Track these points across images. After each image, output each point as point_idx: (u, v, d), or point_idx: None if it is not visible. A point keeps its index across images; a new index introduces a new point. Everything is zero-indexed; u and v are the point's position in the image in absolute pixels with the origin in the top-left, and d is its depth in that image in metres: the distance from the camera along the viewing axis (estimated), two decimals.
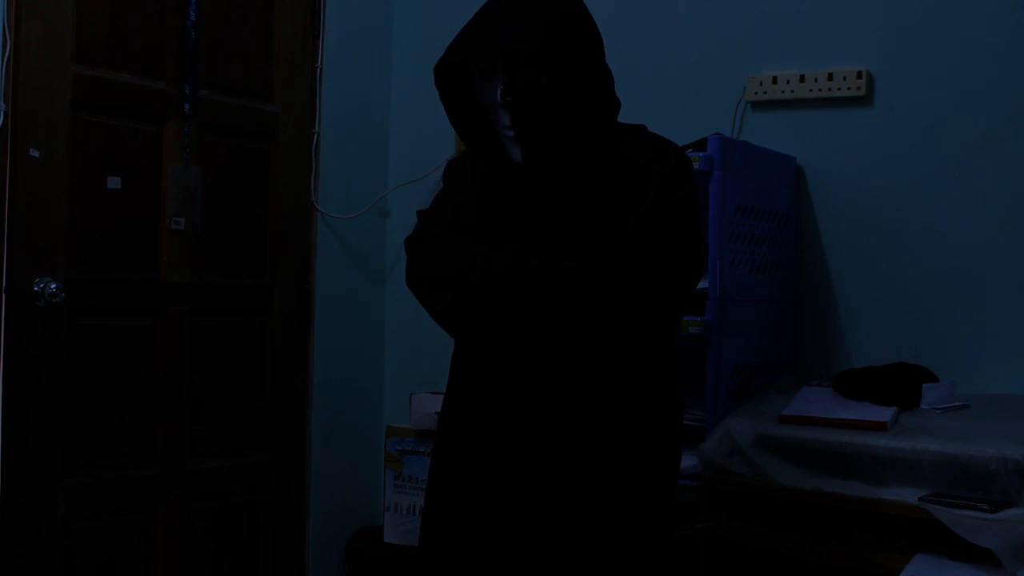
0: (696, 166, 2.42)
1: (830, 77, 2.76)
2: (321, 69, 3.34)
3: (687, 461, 2.43)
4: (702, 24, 2.97)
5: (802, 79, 2.79)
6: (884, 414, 2.24)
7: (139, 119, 2.86)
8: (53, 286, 2.62)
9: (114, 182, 2.80)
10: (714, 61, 2.94)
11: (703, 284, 2.43)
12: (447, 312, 1.95)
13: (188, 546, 2.97)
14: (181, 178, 2.94)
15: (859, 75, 2.72)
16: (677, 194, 1.90)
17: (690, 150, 2.53)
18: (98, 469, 2.79)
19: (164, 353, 2.92)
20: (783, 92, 2.82)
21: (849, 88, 2.73)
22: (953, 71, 2.63)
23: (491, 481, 1.93)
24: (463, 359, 2.05)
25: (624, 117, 3.06)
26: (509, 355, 1.92)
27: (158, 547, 2.91)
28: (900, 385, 2.36)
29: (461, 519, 1.97)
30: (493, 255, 1.88)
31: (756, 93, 2.86)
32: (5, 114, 2.55)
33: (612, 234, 1.86)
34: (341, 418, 3.40)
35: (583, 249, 1.86)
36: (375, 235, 3.53)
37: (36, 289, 2.61)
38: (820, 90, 2.77)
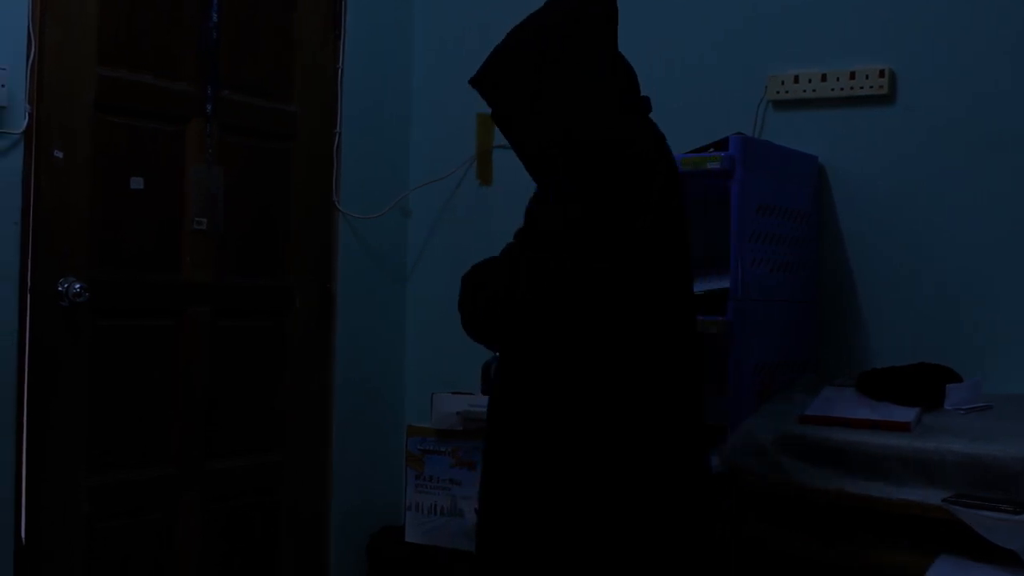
0: (717, 166, 2.42)
1: (852, 76, 2.74)
2: (342, 69, 3.34)
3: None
4: (723, 23, 2.96)
5: (824, 78, 2.78)
6: (907, 414, 2.23)
7: (161, 120, 2.88)
8: (77, 286, 2.63)
9: (137, 183, 2.82)
10: (736, 60, 2.93)
11: (724, 284, 2.43)
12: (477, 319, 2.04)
13: (208, 545, 2.98)
14: (203, 179, 2.95)
15: (881, 74, 2.70)
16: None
17: (711, 149, 2.53)
18: (120, 469, 2.80)
19: (185, 353, 2.93)
20: (805, 91, 2.81)
21: (871, 87, 2.72)
22: (976, 70, 2.62)
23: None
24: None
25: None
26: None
27: (179, 546, 2.92)
28: (923, 385, 2.35)
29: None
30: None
31: (778, 92, 2.85)
32: (29, 116, 2.56)
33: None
34: (362, 418, 3.41)
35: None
36: (396, 235, 3.54)
37: (60, 289, 2.63)
38: (842, 89, 2.76)
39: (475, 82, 2.18)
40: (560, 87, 2.02)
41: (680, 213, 2.00)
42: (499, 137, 3.38)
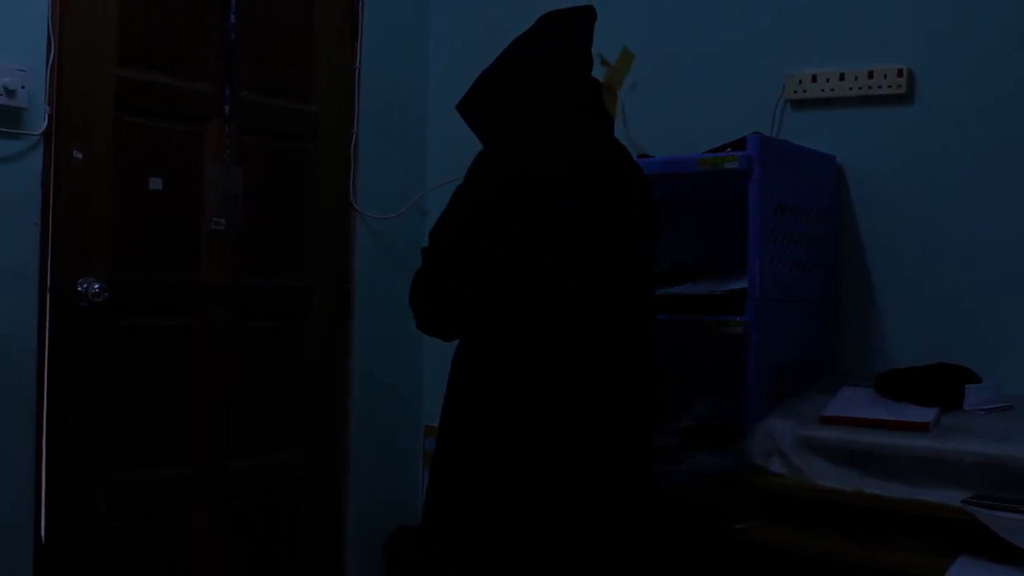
0: (735, 165, 2.41)
1: (870, 75, 2.73)
2: (359, 70, 3.35)
3: (725, 462, 2.42)
4: (741, 23, 2.96)
5: (842, 77, 2.77)
6: (926, 415, 2.22)
7: (180, 120, 2.89)
8: (96, 286, 2.65)
9: (155, 183, 2.83)
10: (753, 60, 2.92)
11: (742, 284, 2.42)
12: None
13: (226, 545, 2.99)
14: (221, 179, 2.96)
15: (900, 73, 2.69)
16: None
17: (729, 149, 2.53)
18: (138, 468, 2.82)
19: (203, 353, 2.94)
20: (823, 91, 2.80)
21: (890, 86, 2.70)
22: (995, 70, 2.60)
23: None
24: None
25: (664, 116, 3.06)
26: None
27: (196, 546, 2.93)
28: (942, 385, 2.33)
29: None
30: None
31: (795, 92, 2.84)
32: (49, 117, 2.58)
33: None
34: (379, 418, 3.41)
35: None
36: (413, 235, 3.53)
37: (80, 289, 2.64)
38: (860, 88, 2.75)
39: (460, 108, 2.30)
40: (545, 111, 2.18)
41: (649, 223, 2.19)
42: None
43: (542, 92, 2.20)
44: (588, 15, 2.33)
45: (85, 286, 2.64)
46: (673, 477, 2.49)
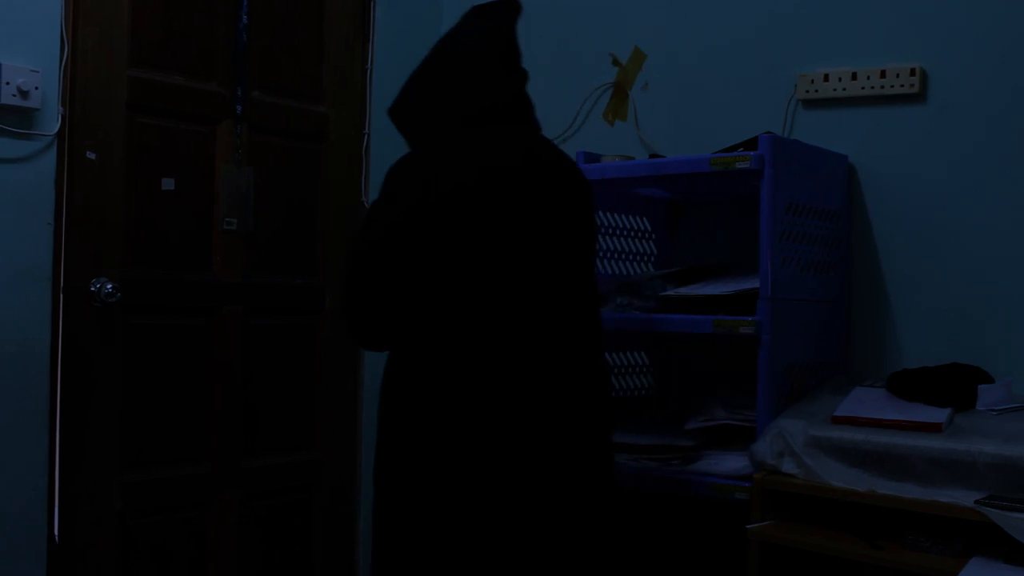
0: (747, 165, 2.41)
1: (883, 74, 2.73)
2: (371, 70, 3.36)
3: (737, 462, 2.42)
4: (752, 22, 2.95)
5: (854, 76, 2.77)
6: (939, 415, 2.22)
7: (192, 121, 2.90)
8: (109, 286, 2.66)
9: (168, 183, 2.84)
10: (765, 59, 2.92)
11: (753, 284, 2.42)
12: None
13: (241, 543, 3.00)
14: (233, 179, 2.97)
15: (912, 72, 2.69)
16: None
17: (740, 149, 2.52)
18: (153, 467, 2.83)
19: (217, 352, 2.95)
20: (835, 90, 2.80)
21: (902, 85, 2.70)
22: (1009, 68, 2.59)
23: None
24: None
25: (675, 116, 3.07)
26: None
27: (212, 544, 2.94)
28: (955, 386, 2.33)
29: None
30: None
31: (807, 91, 2.84)
32: (62, 118, 2.59)
33: None
34: None
35: None
36: None
37: (93, 289, 2.65)
38: (872, 88, 2.74)
39: (391, 113, 2.31)
40: (464, 115, 2.18)
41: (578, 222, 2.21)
42: None
43: (461, 94, 2.20)
44: (510, 7, 2.30)
45: (98, 286, 2.65)
46: (687, 477, 2.49)
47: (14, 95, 2.47)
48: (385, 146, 3.40)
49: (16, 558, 2.51)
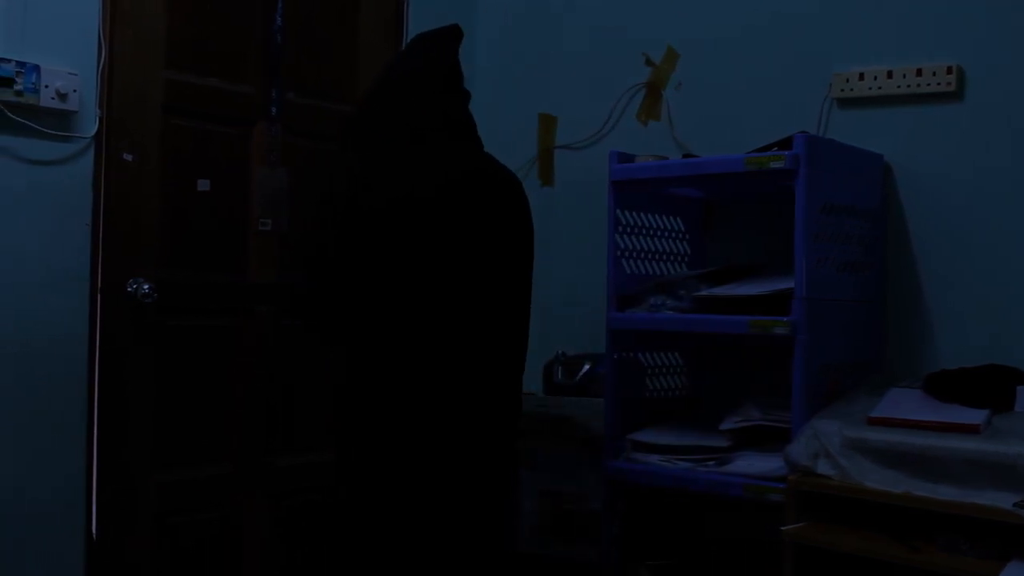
0: (782, 165, 2.40)
1: (919, 73, 2.70)
2: None
3: (772, 463, 2.41)
4: (787, 21, 2.94)
5: (890, 75, 2.75)
6: (976, 416, 2.20)
7: (227, 123, 2.92)
8: (146, 287, 2.68)
9: (203, 184, 2.86)
10: (800, 58, 2.90)
11: (788, 284, 2.41)
12: None
13: (275, 541, 3.02)
14: (268, 180, 2.99)
15: (949, 71, 2.66)
16: None
17: (775, 148, 2.51)
18: (187, 466, 2.85)
19: (251, 352, 2.97)
20: (870, 89, 2.78)
21: (939, 84, 2.68)
22: None
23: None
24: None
25: (710, 116, 3.06)
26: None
27: (245, 542, 2.96)
28: (993, 387, 2.31)
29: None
30: None
31: (842, 90, 2.82)
32: (100, 120, 2.61)
33: None
34: None
35: None
36: None
37: (130, 290, 2.67)
38: (909, 86, 2.72)
39: (344, 131, 2.58)
40: (402, 136, 2.37)
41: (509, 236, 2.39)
42: (561, 137, 3.40)
43: (409, 113, 2.38)
44: (452, 33, 2.54)
45: (135, 287, 2.68)
46: (721, 478, 2.48)
47: (53, 98, 2.49)
48: None
49: (55, 556, 2.54)
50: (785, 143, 2.48)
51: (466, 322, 2.28)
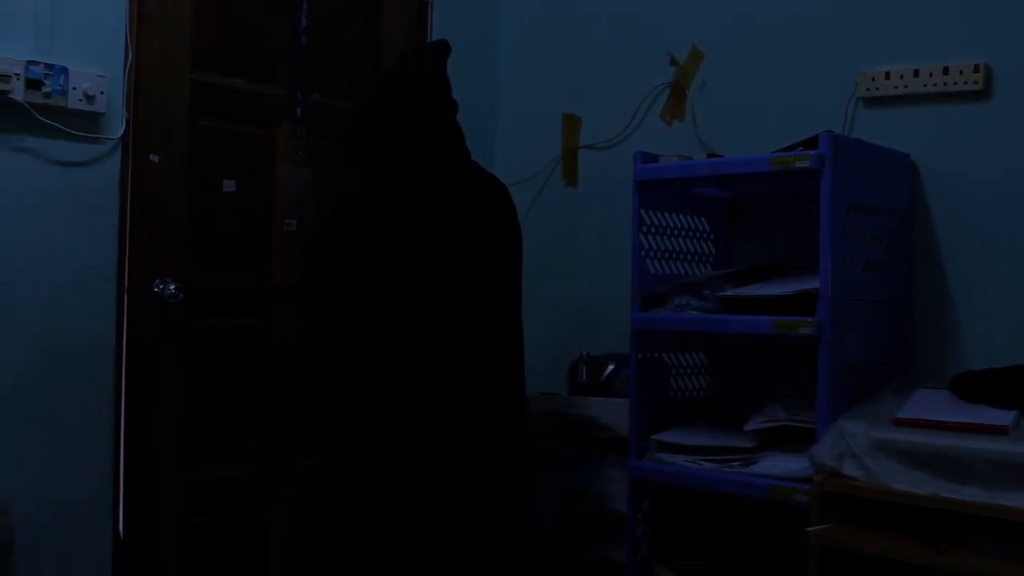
0: (807, 164, 2.39)
1: (946, 71, 2.69)
2: None
3: (797, 464, 2.40)
4: (813, 20, 2.93)
5: (916, 74, 2.73)
6: (1004, 417, 2.18)
7: (252, 123, 2.93)
8: (172, 287, 2.69)
9: (229, 185, 2.88)
10: (824, 57, 2.89)
11: (814, 284, 2.40)
12: None
13: (297, 541, 3.02)
14: (293, 180, 3.00)
15: (977, 69, 2.64)
16: None
17: (800, 148, 2.50)
18: (212, 465, 2.86)
19: (275, 353, 2.98)
20: (896, 87, 2.76)
21: (966, 82, 2.66)
22: None
23: None
24: None
25: (734, 115, 3.04)
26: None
27: (271, 541, 2.97)
28: (1021, 387, 2.29)
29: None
30: None
31: (868, 89, 2.80)
32: (126, 121, 2.63)
33: None
34: None
35: None
36: None
37: (156, 290, 2.69)
38: (935, 85, 2.70)
39: (340, 144, 2.81)
40: (388, 151, 2.53)
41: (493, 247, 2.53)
42: (585, 137, 3.40)
43: (404, 126, 2.53)
44: (441, 47, 2.65)
45: (161, 287, 2.69)
46: (746, 479, 2.48)
47: (81, 100, 2.51)
48: None
49: (83, 554, 2.56)
50: (810, 143, 2.46)
51: (463, 325, 2.42)
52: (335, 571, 2.48)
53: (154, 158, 2.70)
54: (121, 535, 2.64)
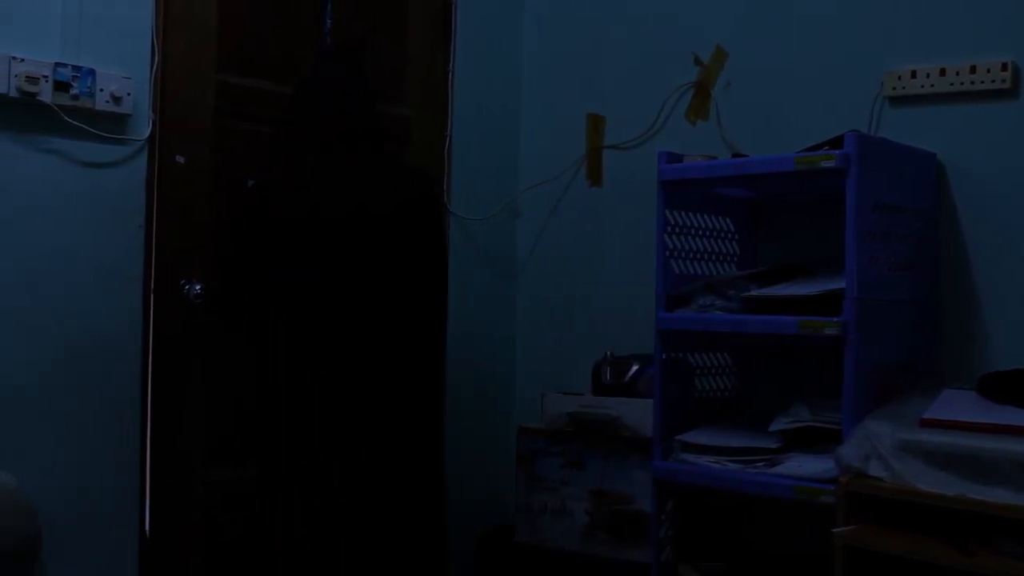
0: (833, 164, 2.38)
1: (972, 70, 2.67)
2: (452, 71, 3.38)
3: (822, 464, 2.39)
4: (837, 19, 2.91)
5: (943, 72, 2.71)
6: None
7: (277, 124, 2.94)
8: (198, 287, 2.71)
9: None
10: (850, 56, 2.88)
11: (840, 284, 2.39)
12: None
13: (310, 540, 3.02)
14: None
15: (1004, 67, 2.62)
16: None
17: (826, 147, 2.49)
18: (234, 465, 2.87)
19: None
20: (922, 86, 2.74)
21: (993, 81, 2.64)
22: None
23: None
24: None
25: (760, 115, 3.03)
26: None
27: (296, 540, 2.97)
28: None
29: None
30: None
31: (894, 88, 2.79)
32: (153, 123, 2.65)
33: None
34: (472, 417, 3.43)
35: None
36: (505, 236, 3.56)
37: (182, 290, 2.70)
38: (962, 84, 2.68)
39: (273, 141, 2.82)
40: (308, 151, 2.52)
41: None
42: (609, 137, 3.40)
43: (328, 123, 2.50)
44: (363, 43, 2.69)
45: (187, 287, 2.71)
46: (771, 479, 2.47)
47: (107, 101, 2.53)
48: (467, 148, 3.43)
49: (109, 552, 2.58)
50: (836, 142, 2.45)
51: (382, 318, 2.44)
52: (335, 571, 2.48)
53: (180, 159, 2.71)
54: (147, 534, 2.66)
